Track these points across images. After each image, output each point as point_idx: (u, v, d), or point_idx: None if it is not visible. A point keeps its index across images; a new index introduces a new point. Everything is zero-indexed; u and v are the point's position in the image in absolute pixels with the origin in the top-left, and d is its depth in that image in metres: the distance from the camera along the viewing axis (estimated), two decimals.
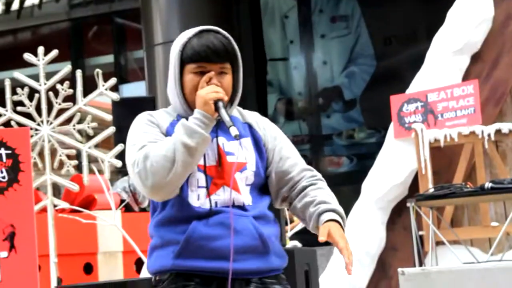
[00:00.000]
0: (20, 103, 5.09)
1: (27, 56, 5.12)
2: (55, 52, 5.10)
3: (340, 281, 6.28)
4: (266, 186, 2.54)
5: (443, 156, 6.50)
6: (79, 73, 5.13)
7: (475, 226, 6.34)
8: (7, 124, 5.06)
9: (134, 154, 2.38)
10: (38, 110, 5.12)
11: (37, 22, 11.95)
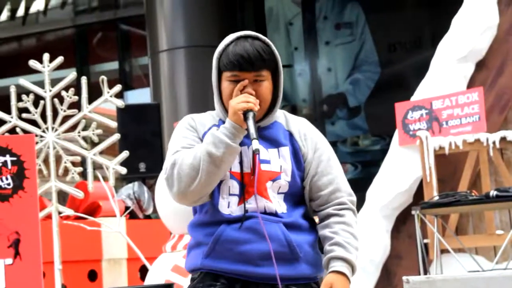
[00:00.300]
0: (25, 110, 5.09)
1: (32, 62, 5.12)
2: (60, 58, 5.11)
3: None
4: (303, 195, 2.55)
5: (448, 163, 6.49)
6: (84, 80, 5.13)
7: (480, 234, 6.33)
8: (12, 131, 5.06)
9: (167, 159, 2.47)
10: (43, 117, 5.12)
11: (42, 29, 11.97)
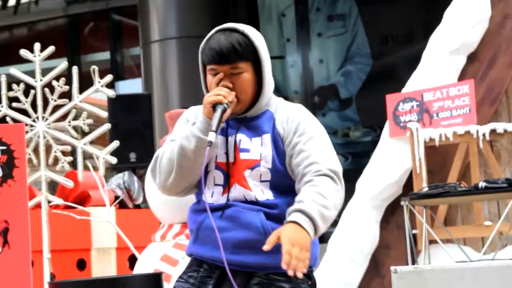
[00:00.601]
0: (16, 99, 5.09)
1: (23, 52, 5.11)
2: (51, 48, 5.10)
3: (333, 279, 6.29)
4: (293, 182, 2.51)
5: (438, 155, 6.52)
6: (75, 69, 5.12)
7: (469, 225, 6.36)
8: (3, 120, 5.06)
9: (160, 148, 2.54)
10: (34, 106, 5.11)
11: (33, 18, 11.93)
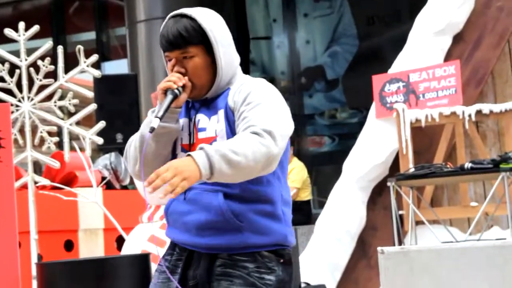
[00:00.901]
0: (1, 79, 5.05)
1: (7, 31, 5.07)
2: (36, 27, 5.06)
3: (320, 259, 6.32)
4: None
5: (424, 136, 6.54)
6: (60, 49, 5.08)
7: (455, 206, 6.40)
8: None
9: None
10: (19, 86, 5.08)
11: None
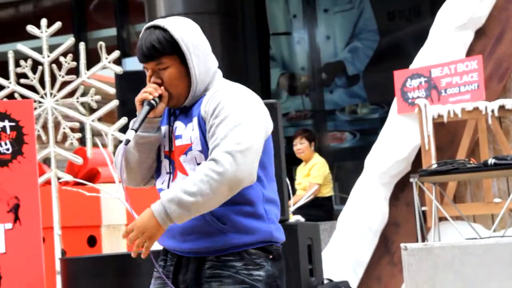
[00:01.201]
0: (24, 75, 5.08)
1: (30, 28, 5.09)
2: (58, 24, 5.08)
3: (342, 255, 6.30)
4: None
5: (446, 132, 6.50)
6: (82, 45, 5.11)
7: (478, 202, 6.35)
8: (11, 96, 5.05)
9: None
10: (42, 82, 5.10)
11: None
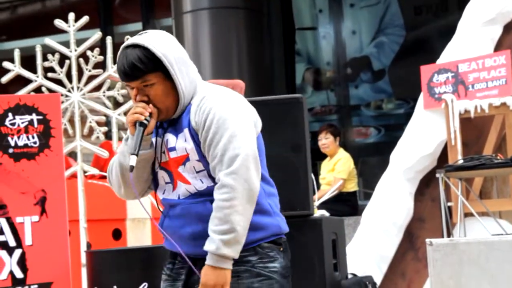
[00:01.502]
0: (51, 69, 5.12)
1: (58, 22, 5.13)
2: (85, 18, 5.11)
3: (367, 250, 6.29)
4: None
5: (473, 127, 6.45)
6: (109, 39, 5.13)
7: (504, 198, 6.30)
8: (38, 90, 5.09)
9: (112, 158, 2.77)
10: (69, 76, 5.14)
11: None
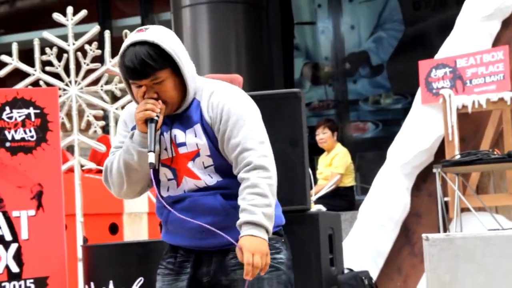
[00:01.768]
0: (49, 63, 5.11)
1: (56, 16, 5.12)
2: (84, 12, 5.11)
3: (363, 245, 6.30)
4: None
5: (471, 122, 6.46)
6: (107, 33, 5.13)
7: (501, 193, 6.31)
8: (36, 83, 5.09)
9: (107, 159, 2.70)
10: (67, 70, 5.14)
11: None
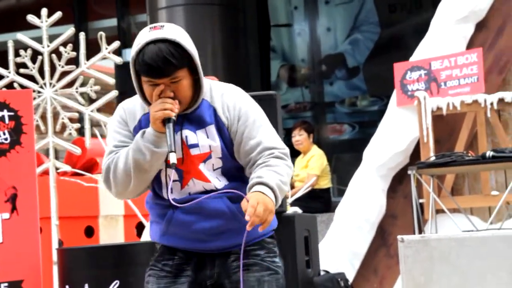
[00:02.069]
0: (23, 65, 5.08)
1: (30, 17, 5.09)
2: (58, 14, 5.08)
3: (339, 247, 6.32)
4: (241, 166, 2.62)
5: (445, 124, 6.50)
6: (82, 35, 5.10)
7: (476, 194, 6.36)
8: (10, 86, 5.05)
9: (104, 158, 2.60)
10: (41, 72, 5.11)
11: None
